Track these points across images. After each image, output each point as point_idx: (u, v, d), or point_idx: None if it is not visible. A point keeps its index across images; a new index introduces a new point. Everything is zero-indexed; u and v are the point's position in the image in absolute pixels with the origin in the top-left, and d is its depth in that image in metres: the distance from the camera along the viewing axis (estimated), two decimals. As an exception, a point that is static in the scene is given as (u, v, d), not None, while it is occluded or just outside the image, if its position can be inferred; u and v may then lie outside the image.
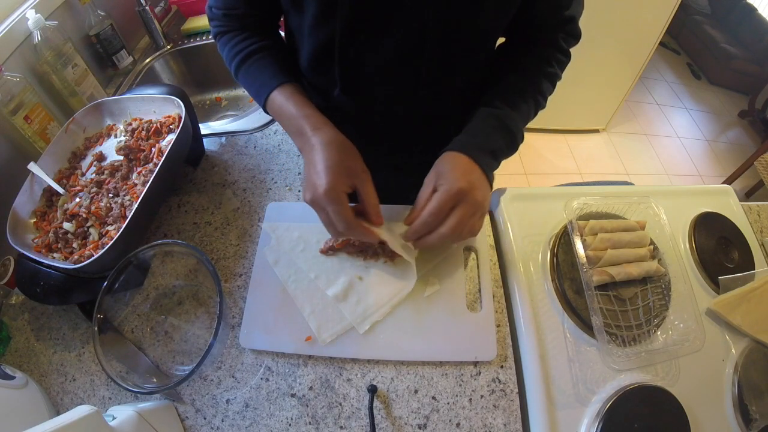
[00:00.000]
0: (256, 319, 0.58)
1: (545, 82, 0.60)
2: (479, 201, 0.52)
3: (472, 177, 0.52)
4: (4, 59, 0.74)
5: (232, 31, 0.60)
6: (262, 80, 0.58)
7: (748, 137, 2.66)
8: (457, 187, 0.50)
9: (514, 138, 0.58)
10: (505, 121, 0.57)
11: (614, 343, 0.54)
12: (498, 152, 0.57)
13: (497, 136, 0.56)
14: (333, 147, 0.52)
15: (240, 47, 0.59)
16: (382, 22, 0.52)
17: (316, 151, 0.51)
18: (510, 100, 0.58)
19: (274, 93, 0.56)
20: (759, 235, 0.70)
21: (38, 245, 0.61)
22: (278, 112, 0.57)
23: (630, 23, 1.87)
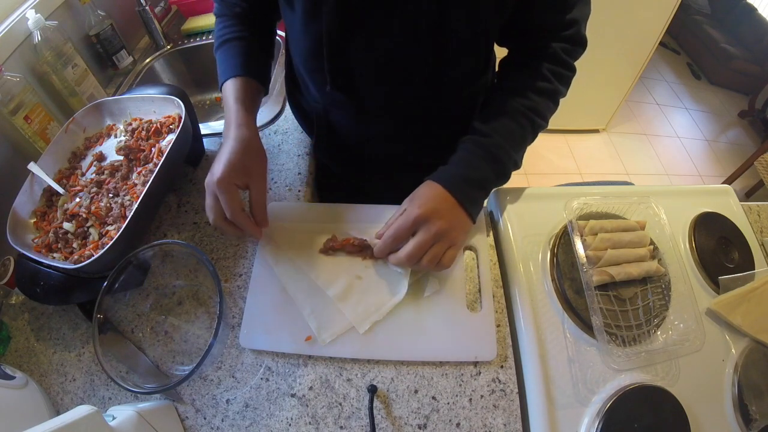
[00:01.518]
0: (256, 319, 0.58)
1: (543, 100, 0.57)
2: (441, 230, 0.51)
3: (439, 206, 0.52)
4: (4, 59, 0.74)
5: (222, 16, 0.66)
6: (225, 67, 0.62)
7: (748, 137, 2.66)
8: (416, 213, 0.51)
9: (504, 167, 0.56)
10: (493, 150, 0.55)
11: (614, 343, 0.54)
12: (485, 182, 0.56)
13: (484, 166, 0.55)
14: (242, 145, 0.55)
15: (222, 32, 0.64)
16: (371, 23, 0.52)
17: (227, 144, 0.55)
18: (499, 126, 0.56)
19: (228, 82, 0.60)
20: (759, 235, 0.70)
21: (38, 245, 0.61)
22: (224, 100, 0.61)
23: (630, 23, 1.87)
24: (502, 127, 0.56)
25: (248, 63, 0.62)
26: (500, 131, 0.56)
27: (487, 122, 0.57)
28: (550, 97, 0.58)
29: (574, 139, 2.46)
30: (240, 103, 0.58)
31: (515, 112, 0.56)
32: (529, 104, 0.57)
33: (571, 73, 0.59)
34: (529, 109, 0.57)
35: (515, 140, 0.57)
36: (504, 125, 0.56)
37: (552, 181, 2.14)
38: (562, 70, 0.58)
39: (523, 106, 0.57)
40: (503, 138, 0.56)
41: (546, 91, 0.57)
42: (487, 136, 0.56)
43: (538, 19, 0.55)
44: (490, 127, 0.56)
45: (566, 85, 0.60)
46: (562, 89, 0.59)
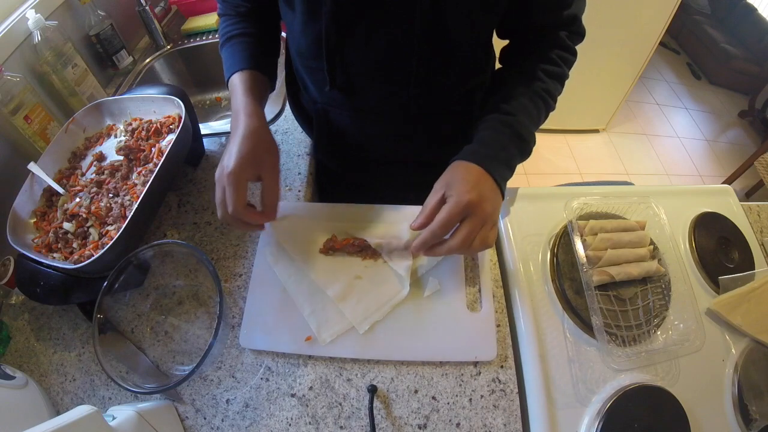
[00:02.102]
0: (256, 319, 0.58)
1: (553, 82, 0.59)
2: (489, 213, 0.51)
3: (483, 188, 0.51)
4: (4, 59, 0.74)
5: (226, 15, 0.66)
6: (231, 62, 0.62)
7: (748, 137, 2.66)
8: (467, 199, 0.49)
9: (527, 144, 0.57)
10: (517, 128, 0.55)
11: (614, 343, 0.54)
12: (512, 161, 0.56)
13: (510, 145, 0.55)
14: (253, 136, 0.54)
15: (227, 30, 0.64)
16: (369, 22, 0.53)
17: (238, 135, 0.54)
18: (519, 105, 0.57)
19: (235, 75, 0.60)
20: (759, 235, 0.70)
21: (38, 245, 0.61)
22: (231, 92, 0.60)
23: (630, 23, 1.87)
24: (524, 107, 0.57)
25: (255, 57, 0.62)
26: (522, 110, 0.57)
27: (508, 102, 0.57)
28: (559, 80, 0.60)
29: (574, 139, 2.46)
30: (249, 94, 0.58)
31: (533, 93, 0.58)
32: (544, 86, 0.58)
33: (574, 58, 0.61)
34: (544, 90, 0.58)
35: (534, 119, 0.58)
36: (524, 105, 0.57)
37: (552, 181, 2.14)
38: (568, 55, 0.60)
39: (539, 87, 0.58)
40: (526, 117, 0.57)
41: (555, 73, 0.59)
42: (511, 115, 0.56)
43: (539, 17, 0.56)
44: (512, 106, 0.57)
45: (570, 68, 0.62)
46: (567, 72, 0.61)
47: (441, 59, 0.57)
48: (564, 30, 0.58)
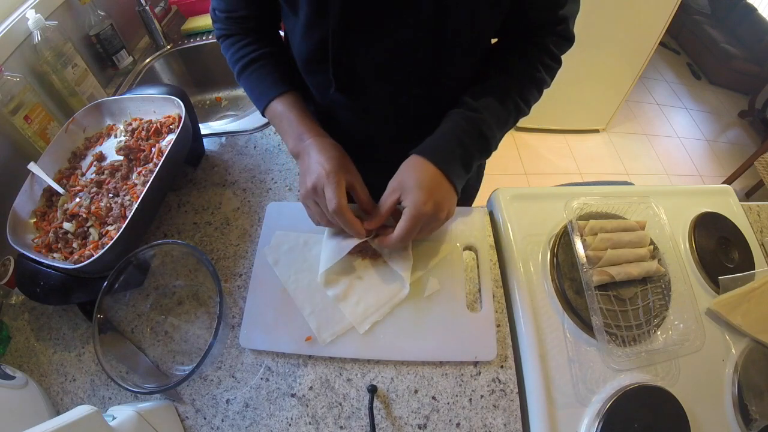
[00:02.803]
0: (256, 319, 0.58)
1: (531, 88, 0.59)
2: (442, 219, 0.54)
3: (438, 195, 0.53)
4: (4, 59, 0.74)
5: (234, 35, 0.63)
6: (262, 87, 0.60)
7: (748, 137, 2.66)
8: (423, 210, 0.51)
9: (488, 146, 0.57)
10: (479, 125, 0.56)
11: (614, 343, 0.54)
12: (469, 159, 0.56)
13: (469, 142, 0.56)
14: (333, 148, 0.55)
15: (242, 53, 0.61)
16: (375, 23, 0.53)
17: (316, 149, 0.54)
18: (487, 103, 0.57)
19: (275, 101, 0.59)
20: (759, 235, 0.70)
21: (38, 245, 0.61)
22: (279, 118, 0.59)
23: (630, 23, 1.87)
24: (491, 106, 0.57)
25: (287, 77, 0.62)
26: (489, 109, 0.57)
27: (477, 98, 0.57)
28: (537, 86, 0.60)
29: (574, 139, 2.46)
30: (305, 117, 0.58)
31: (505, 95, 0.57)
32: (519, 90, 0.58)
33: (558, 66, 0.61)
34: (518, 94, 0.58)
35: (501, 120, 0.58)
36: (493, 105, 0.57)
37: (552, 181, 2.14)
38: (551, 63, 0.59)
39: (513, 90, 0.58)
40: (492, 116, 0.57)
41: (534, 79, 0.59)
42: (477, 112, 0.56)
43: (532, 16, 0.56)
44: (480, 103, 0.57)
45: (551, 76, 0.61)
46: (548, 80, 0.61)
47: (443, 60, 0.57)
48: (552, 34, 0.58)
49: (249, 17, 0.62)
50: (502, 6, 0.53)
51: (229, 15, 0.62)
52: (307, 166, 0.54)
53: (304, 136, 0.57)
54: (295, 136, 0.58)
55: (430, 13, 0.50)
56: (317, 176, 0.52)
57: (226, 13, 0.61)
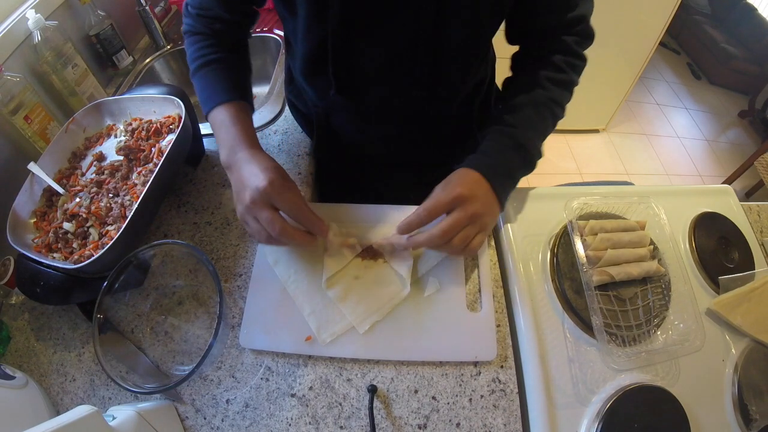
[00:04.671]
0: (256, 319, 0.58)
1: (558, 90, 0.58)
2: (477, 213, 0.51)
3: (476, 189, 0.52)
4: (4, 59, 0.74)
5: (199, 34, 0.61)
6: (211, 91, 0.59)
7: (748, 137, 2.66)
8: (456, 191, 0.50)
9: (530, 154, 0.56)
10: (519, 139, 0.55)
11: (614, 343, 0.54)
12: (514, 171, 0.56)
13: (512, 155, 0.55)
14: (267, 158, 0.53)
15: (202, 52, 0.60)
16: (375, 24, 0.53)
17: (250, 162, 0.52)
18: (522, 116, 0.57)
19: (220, 106, 0.57)
20: (759, 235, 0.70)
21: (38, 245, 0.61)
22: (218, 125, 0.57)
23: (630, 23, 1.87)
24: (527, 118, 0.57)
25: (239, 86, 0.60)
26: (525, 122, 0.57)
27: (512, 113, 0.57)
28: (566, 87, 0.59)
29: (574, 139, 2.46)
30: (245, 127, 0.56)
31: (537, 103, 0.57)
32: (549, 95, 0.58)
33: (583, 63, 0.60)
34: (550, 99, 0.58)
35: (539, 130, 0.58)
36: (528, 116, 0.57)
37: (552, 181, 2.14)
38: (576, 61, 0.59)
39: (543, 96, 0.57)
40: (530, 128, 0.57)
41: (562, 81, 0.58)
42: (513, 127, 0.56)
43: (545, 19, 0.56)
44: (515, 117, 0.57)
45: (579, 74, 0.61)
46: (576, 78, 0.60)
47: (443, 61, 0.57)
48: (571, 34, 0.57)
49: (220, 19, 0.60)
50: (502, 8, 0.53)
51: (201, 13, 0.60)
52: (242, 180, 0.51)
53: (237, 148, 0.54)
54: (228, 146, 0.55)
55: (430, 14, 0.50)
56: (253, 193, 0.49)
57: (198, 10, 0.60)
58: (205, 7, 0.60)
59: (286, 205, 0.50)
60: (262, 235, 0.52)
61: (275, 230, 0.49)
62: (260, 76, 1.19)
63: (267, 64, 1.18)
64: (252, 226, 0.52)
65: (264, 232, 0.51)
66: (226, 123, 0.56)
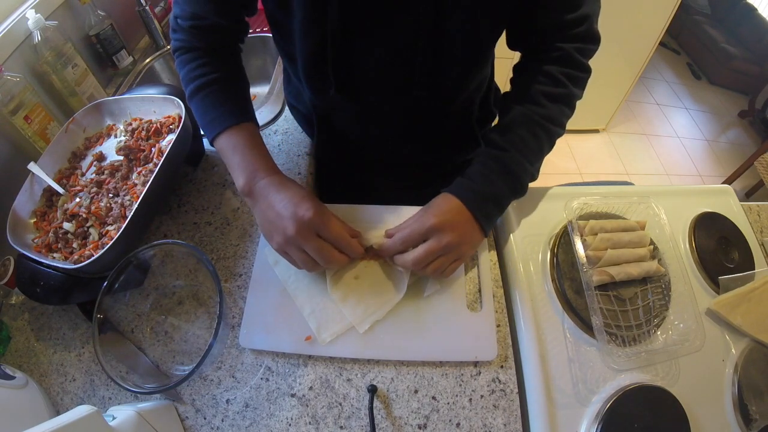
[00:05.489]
0: (256, 319, 0.58)
1: (557, 106, 0.56)
2: (451, 243, 0.51)
3: (452, 219, 0.52)
4: (4, 59, 0.74)
5: (194, 50, 0.58)
6: (216, 113, 0.57)
7: (748, 137, 2.66)
8: (430, 222, 0.51)
9: (519, 181, 0.56)
10: (510, 165, 0.55)
11: (614, 343, 0.54)
12: (500, 198, 0.55)
13: (499, 182, 0.55)
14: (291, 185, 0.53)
15: (198, 72, 0.57)
16: (374, 23, 0.53)
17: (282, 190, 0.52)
18: (515, 138, 0.55)
19: (228, 131, 0.56)
20: (759, 235, 0.70)
21: (38, 245, 0.61)
22: (232, 151, 0.56)
23: (630, 23, 1.87)
24: (519, 140, 0.55)
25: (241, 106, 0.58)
26: (517, 144, 0.55)
27: (503, 135, 0.56)
28: (566, 102, 0.57)
29: (574, 139, 2.46)
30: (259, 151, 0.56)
31: (531, 123, 0.55)
32: (545, 113, 0.56)
33: (586, 75, 0.58)
34: (545, 118, 0.56)
35: (532, 152, 0.56)
36: (520, 137, 0.55)
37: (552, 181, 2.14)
38: (576, 72, 0.57)
39: (538, 115, 0.55)
40: (520, 152, 0.55)
41: (560, 96, 0.56)
42: (504, 150, 0.55)
43: (547, 19, 0.54)
44: (506, 140, 0.55)
45: (581, 87, 0.58)
46: (577, 92, 0.58)
47: (443, 61, 0.57)
48: (573, 40, 0.56)
49: (216, 28, 0.57)
50: (503, 9, 0.53)
51: (195, 23, 0.57)
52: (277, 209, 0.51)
53: (258, 174, 0.53)
54: (247, 173, 0.54)
55: (430, 14, 0.50)
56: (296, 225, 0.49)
57: (192, 21, 0.57)
58: (200, 16, 0.56)
59: (332, 234, 0.51)
60: (307, 263, 0.52)
61: (324, 258, 0.51)
62: (260, 76, 1.19)
63: (267, 64, 1.18)
64: (296, 255, 0.52)
65: (309, 260, 0.51)
66: (239, 148, 0.55)
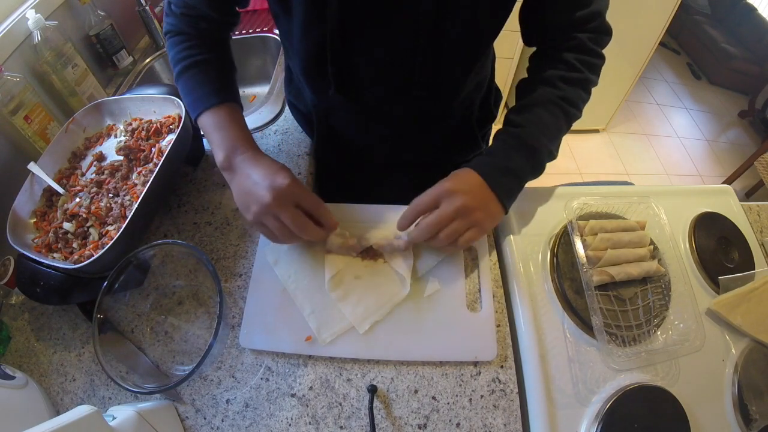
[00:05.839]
0: (256, 319, 0.58)
1: (573, 89, 0.57)
2: (465, 206, 0.51)
3: (466, 184, 0.52)
4: (4, 59, 0.74)
5: (183, 34, 0.60)
6: (200, 93, 0.58)
7: (748, 137, 2.66)
8: (444, 186, 0.51)
9: (538, 155, 0.55)
10: (526, 140, 0.55)
11: (614, 343, 0.54)
12: (519, 171, 0.55)
13: (517, 156, 0.55)
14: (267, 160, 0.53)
15: (186, 54, 0.59)
16: (374, 23, 0.53)
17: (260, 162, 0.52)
18: (530, 116, 0.56)
19: (211, 110, 0.57)
20: (759, 235, 0.70)
21: (38, 245, 0.61)
22: (212, 128, 0.57)
23: (630, 23, 1.87)
24: (535, 117, 0.56)
25: (227, 86, 0.60)
26: (533, 121, 0.56)
27: (519, 113, 0.57)
28: (581, 86, 0.58)
29: (574, 139, 2.46)
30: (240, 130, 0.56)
31: (547, 102, 0.56)
32: (560, 93, 0.56)
33: (600, 61, 0.59)
34: (561, 98, 0.56)
35: (549, 129, 0.56)
36: (537, 115, 0.56)
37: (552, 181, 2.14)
38: (591, 59, 0.58)
39: (553, 95, 0.56)
40: (536, 128, 0.55)
41: (575, 80, 0.57)
42: (519, 126, 0.55)
43: (557, 18, 0.55)
44: (522, 117, 0.56)
45: (596, 73, 0.59)
46: (593, 77, 0.59)
47: (443, 61, 0.57)
48: (585, 32, 0.56)
49: (205, 18, 0.59)
50: (503, 8, 0.53)
51: (186, 12, 0.59)
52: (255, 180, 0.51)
53: (237, 150, 0.54)
54: (226, 148, 0.55)
55: (429, 13, 0.50)
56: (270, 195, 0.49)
57: (183, 9, 0.59)
58: (190, 5, 0.58)
59: (309, 200, 0.51)
60: (283, 232, 0.52)
61: (299, 226, 0.50)
62: (260, 76, 1.19)
63: (267, 64, 1.18)
64: (272, 224, 0.52)
65: (285, 229, 0.51)
66: (220, 125, 0.56)
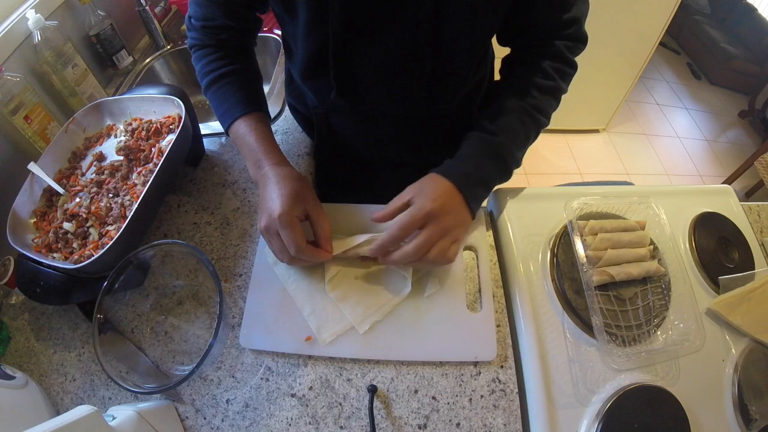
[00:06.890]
0: (256, 319, 0.58)
1: (545, 97, 0.58)
2: (450, 226, 0.51)
3: (447, 202, 0.52)
4: (4, 59, 0.74)
5: (207, 47, 0.62)
6: (228, 104, 0.59)
7: (748, 137, 2.66)
8: (429, 207, 0.51)
9: (507, 166, 0.57)
10: (499, 149, 0.56)
11: (614, 343, 0.54)
12: (489, 181, 0.56)
13: (489, 165, 0.56)
14: (288, 179, 0.54)
15: (212, 66, 0.60)
16: (375, 26, 0.53)
17: (272, 183, 0.54)
18: (504, 124, 0.56)
19: (239, 120, 0.58)
20: (759, 235, 0.70)
21: (38, 245, 0.61)
22: (240, 139, 0.59)
23: (630, 23, 1.87)
24: (508, 126, 0.56)
25: (254, 96, 0.61)
26: (506, 130, 0.56)
27: (493, 120, 0.57)
28: (553, 95, 0.59)
29: (574, 139, 2.46)
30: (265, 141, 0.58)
31: (520, 111, 0.57)
32: (533, 102, 0.57)
33: (573, 71, 0.59)
34: (533, 107, 0.57)
35: (519, 139, 0.57)
36: (509, 123, 0.56)
37: (552, 181, 2.14)
38: (564, 68, 0.58)
39: (527, 104, 0.57)
40: (508, 137, 0.56)
41: (548, 88, 0.58)
42: (493, 134, 0.56)
43: (539, 19, 0.55)
44: (496, 125, 0.56)
45: (567, 82, 0.60)
46: (564, 86, 0.59)
47: (443, 62, 0.57)
48: (563, 38, 0.57)
49: (226, 28, 0.60)
50: (501, 8, 0.53)
51: (206, 24, 0.60)
52: (262, 203, 0.54)
53: (262, 163, 0.56)
54: (253, 161, 0.57)
55: (429, 15, 0.50)
56: (268, 219, 0.52)
57: (203, 22, 0.60)
58: (209, 17, 0.59)
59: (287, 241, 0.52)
60: (282, 254, 0.53)
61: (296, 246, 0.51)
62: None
63: (267, 64, 1.18)
64: (273, 245, 0.54)
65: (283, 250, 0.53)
66: (247, 137, 0.58)
